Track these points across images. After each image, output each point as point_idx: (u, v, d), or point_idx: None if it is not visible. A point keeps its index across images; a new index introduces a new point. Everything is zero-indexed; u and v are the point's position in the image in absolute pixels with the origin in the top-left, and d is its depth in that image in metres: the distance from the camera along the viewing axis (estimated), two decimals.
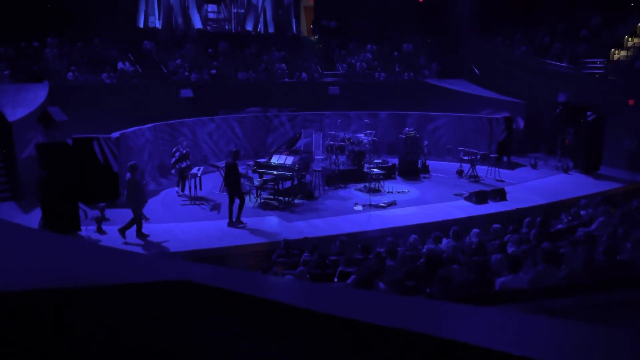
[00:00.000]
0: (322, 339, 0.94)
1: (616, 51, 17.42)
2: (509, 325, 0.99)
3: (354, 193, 12.92)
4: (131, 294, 1.01)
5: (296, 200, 12.03)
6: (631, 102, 15.24)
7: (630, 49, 17.29)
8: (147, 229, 9.56)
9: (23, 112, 12.00)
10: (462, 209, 11.27)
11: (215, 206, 11.70)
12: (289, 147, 13.58)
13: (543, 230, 7.57)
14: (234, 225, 10.11)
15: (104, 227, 9.67)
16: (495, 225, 8.20)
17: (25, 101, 13.09)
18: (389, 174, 14.15)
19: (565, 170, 15.06)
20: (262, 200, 12.02)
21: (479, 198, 11.69)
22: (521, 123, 17.38)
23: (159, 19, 21.67)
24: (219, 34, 22.14)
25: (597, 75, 16.93)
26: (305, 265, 6.97)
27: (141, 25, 21.27)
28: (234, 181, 10.28)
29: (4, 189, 11.59)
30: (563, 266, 5.53)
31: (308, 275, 6.44)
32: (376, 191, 12.75)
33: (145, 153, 12.95)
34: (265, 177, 12.41)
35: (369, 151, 14.28)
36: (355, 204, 11.71)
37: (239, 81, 18.58)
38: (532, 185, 13.65)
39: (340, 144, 14.25)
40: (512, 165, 15.97)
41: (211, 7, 23.24)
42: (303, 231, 9.67)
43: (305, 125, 16.47)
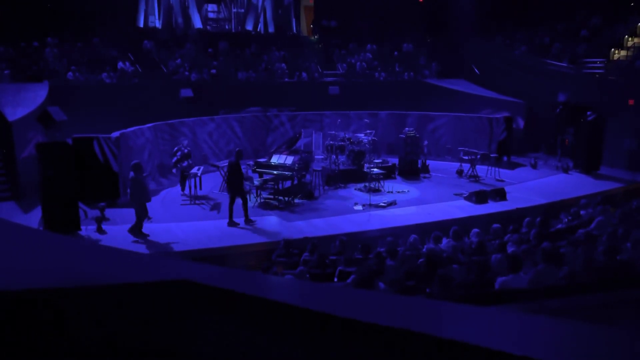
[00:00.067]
0: (322, 339, 0.94)
1: (616, 51, 17.42)
2: (509, 325, 0.99)
3: (354, 193, 12.92)
4: (131, 294, 1.01)
5: (296, 200, 12.03)
6: (631, 102, 15.24)
7: (630, 48, 17.30)
8: (147, 228, 9.56)
9: (23, 112, 12.01)
10: (462, 209, 11.27)
11: (215, 206, 11.70)
12: (289, 147, 13.58)
13: (543, 230, 7.57)
14: (234, 225, 10.11)
15: (103, 227, 9.67)
16: (495, 225, 8.21)
17: (25, 101, 13.10)
18: (389, 173, 14.16)
19: (565, 170, 15.06)
20: (262, 200, 12.02)
21: (479, 198, 11.69)
22: (521, 123, 17.39)
23: (159, 19, 21.70)
24: (219, 33, 22.16)
25: (597, 75, 16.93)
26: (305, 265, 6.97)
27: (141, 24, 21.30)
28: (237, 181, 10.28)
29: (4, 189, 11.60)
30: (563, 266, 5.53)
31: (308, 275, 6.44)
32: (376, 191, 12.76)
33: (145, 153, 12.96)
34: (265, 177, 12.42)
35: (369, 151, 14.28)
36: (355, 204, 11.71)
37: (239, 81, 18.59)
38: (532, 185, 13.65)
39: (340, 143, 14.24)
40: (512, 165, 15.98)
41: (211, 7, 23.26)
42: (303, 231, 9.67)
43: (305, 125, 16.47)
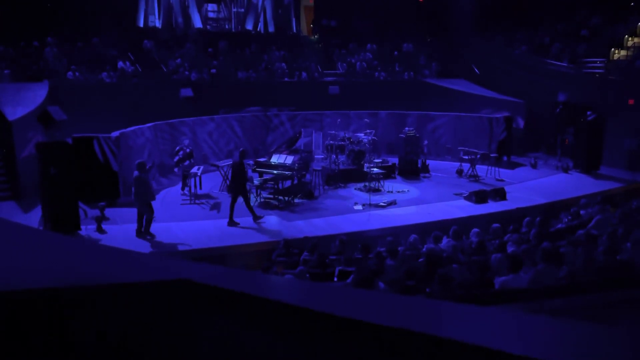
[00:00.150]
0: (322, 339, 0.94)
1: (616, 51, 17.41)
2: (508, 325, 0.99)
3: (353, 192, 12.91)
4: (131, 294, 1.01)
5: (296, 200, 12.03)
6: (631, 102, 15.23)
7: (630, 48, 17.29)
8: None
9: (23, 112, 12.01)
10: (462, 209, 11.27)
11: (215, 205, 11.70)
12: (289, 147, 13.58)
13: (543, 230, 7.57)
14: (234, 224, 10.11)
15: (103, 227, 9.67)
16: (495, 224, 8.21)
17: (25, 100, 13.10)
18: (388, 173, 14.15)
19: (565, 170, 15.06)
20: (262, 200, 12.02)
21: (479, 197, 11.69)
22: (521, 123, 17.38)
23: (159, 18, 21.69)
24: (219, 33, 22.15)
25: (597, 75, 16.93)
26: (305, 264, 6.97)
27: (141, 24, 21.29)
28: (240, 180, 10.31)
29: (4, 188, 11.59)
30: (563, 266, 5.53)
31: (308, 275, 6.44)
32: (376, 191, 12.75)
33: (145, 152, 12.95)
34: (265, 177, 12.42)
35: (369, 151, 14.27)
36: (355, 204, 11.71)
37: (239, 80, 18.58)
38: (532, 185, 13.65)
39: (340, 143, 14.24)
40: (512, 165, 15.98)
41: (211, 7, 23.25)
42: (303, 230, 9.67)
43: (305, 124, 16.47)
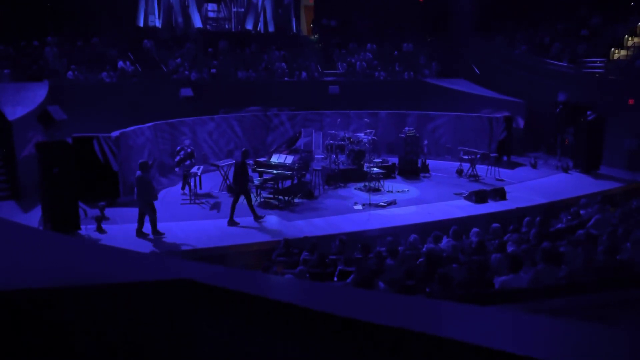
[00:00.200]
0: (322, 338, 0.94)
1: (616, 50, 17.41)
2: (508, 325, 0.99)
3: (353, 192, 12.91)
4: (131, 293, 1.01)
5: (296, 200, 12.03)
6: (631, 102, 15.23)
7: (630, 48, 17.29)
8: (147, 228, 9.54)
9: (23, 111, 12.01)
10: (462, 209, 11.27)
11: (215, 205, 11.70)
12: (288, 146, 13.58)
13: (543, 229, 7.57)
14: (234, 224, 10.12)
15: (103, 226, 9.67)
16: (495, 224, 8.21)
17: (25, 100, 13.10)
18: (388, 173, 14.15)
19: (565, 170, 15.06)
20: (262, 200, 12.02)
21: (479, 197, 11.69)
22: (521, 122, 17.38)
23: (159, 18, 21.69)
24: (219, 33, 22.15)
25: (597, 75, 16.92)
26: (305, 264, 6.98)
27: (141, 24, 21.29)
28: (243, 180, 10.33)
29: (4, 188, 11.59)
30: (563, 266, 5.53)
31: (308, 275, 6.44)
32: (376, 190, 12.75)
33: (145, 152, 12.95)
34: (265, 176, 12.42)
35: (369, 150, 14.27)
36: (355, 203, 11.71)
37: (239, 80, 18.58)
38: (532, 185, 13.65)
39: (340, 143, 14.24)
40: (512, 165, 15.97)
41: (211, 6, 23.24)
42: (303, 230, 9.67)
43: (305, 124, 16.47)
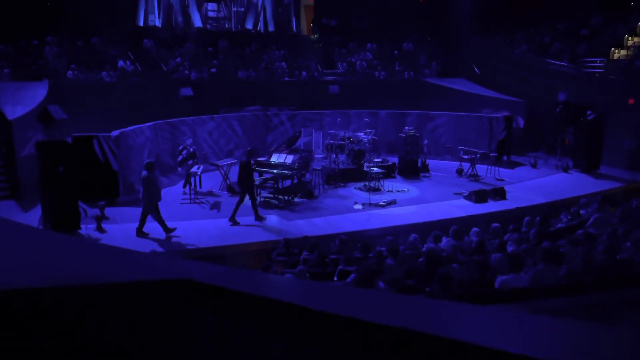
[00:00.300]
0: (322, 338, 0.94)
1: (616, 50, 17.41)
2: (508, 324, 0.99)
3: (353, 192, 12.91)
4: (132, 293, 1.01)
5: (296, 199, 12.03)
6: (631, 102, 15.23)
7: (630, 48, 17.29)
8: (148, 227, 9.55)
9: (23, 111, 12.01)
10: (462, 208, 11.27)
11: (216, 205, 11.70)
12: (288, 146, 13.57)
13: (543, 229, 7.57)
14: (235, 223, 10.16)
15: (103, 226, 9.67)
16: (495, 224, 8.21)
17: (25, 99, 13.10)
18: (388, 172, 14.15)
19: (565, 170, 15.06)
20: (262, 199, 12.02)
21: (479, 197, 11.69)
22: (521, 122, 17.38)
23: (159, 18, 21.68)
24: (218, 32, 22.14)
25: (597, 75, 16.92)
26: (304, 264, 6.98)
27: (141, 23, 21.28)
28: (248, 179, 10.35)
29: (4, 187, 11.59)
30: (563, 265, 5.53)
31: (308, 274, 6.45)
32: (376, 190, 12.75)
33: (145, 152, 12.94)
34: (265, 176, 12.42)
35: (369, 150, 14.26)
36: (355, 203, 11.71)
37: (239, 80, 18.57)
38: (532, 185, 13.65)
39: (340, 142, 14.24)
40: (512, 165, 15.98)
41: (211, 6, 23.24)
42: (303, 230, 9.67)
43: (305, 124, 16.46)
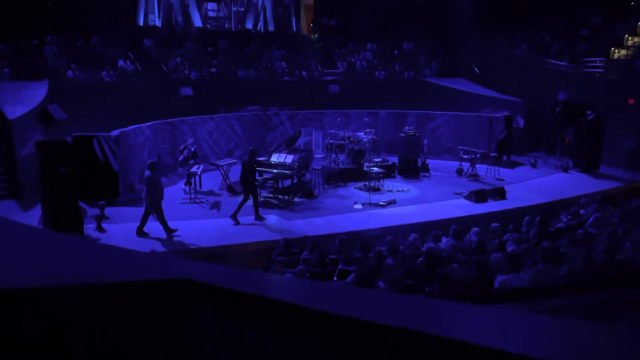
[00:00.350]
0: (322, 338, 0.94)
1: (616, 50, 17.41)
2: (508, 324, 0.99)
3: (353, 192, 12.92)
4: (131, 293, 1.01)
5: (296, 199, 12.03)
6: (631, 102, 15.23)
7: (630, 48, 17.29)
8: (148, 227, 9.55)
9: (23, 110, 12.01)
10: (462, 208, 11.28)
11: (215, 204, 11.70)
12: (288, 146, 13.58)
13: (543, 229, 7.57)
14: (236, 221, 10.18)
15: (103, 226, 9.67)
16: (494, 224, 8.21)
17: (25, 99, 13.09)
18: (388, 172, 14.15)
19: (565, 169, 15.06)
20: (262, 199, 12.01)
21: (479, 197, 11.70)
22: (521, 122, 17.38)
23: (159, 17, 21.69)
24: (218, 32, 22.14)
25: (597, 75, 16.92)
26: (304, 263, 6.98)
27: (141, 23, 21.29)
28: (250, 179, 10.38)
29: (3, 187, 11.58)
30: (563, 265, 5.53)
31: (308, 274, 6.45)
32: (376, 190, 12.75)
33: (145, 151, 12.94)
34: (265, 176, 12.42)
35: (369, 150, 14.27)
36: (355, 203, 11.71)
37: (239, 79, 18.57)
38: (532, 184, 13.65)
39: (340, 142, 14.24)
40: (512, 164, 15.98)
41: (211, 6, 23.24)
42: (303, 230, 9.68)
43: (305, 123, 16.46)
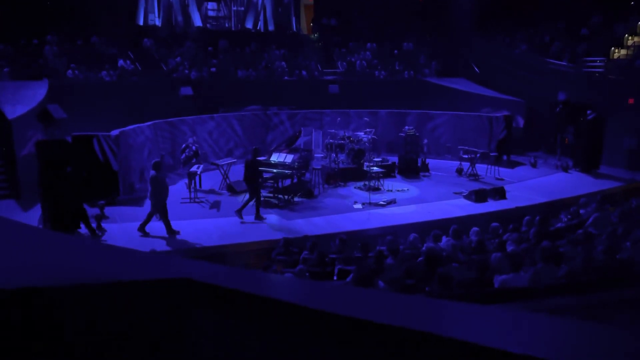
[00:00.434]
0: (322, 337, 0.94)
1: (616, 50, 17.40)
2: (508, 324, 0.99)
3: (353, 191, 12.91)
4: (131, 292, 1.01)
5: (296, 199, 12.03)
6: (631, 101, 15.23)
7: (630, 47, 17.28)
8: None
9: (22, 110, 12.00)
10: (462, 208, 11.28)
11: (215, 204, 11.70)
12: (288, 145, 13.57)
13: (542, 229, 7.58)
14: (240, 217, 10.28)
15: (103, 225, 9.66)
16: (494, 223, 8.21)
17: (25, 99, 13.08)
18: (388, 172, 14.15)
19: (565, 169, 15.06)
20: (262, 199, 12.01)
21: (479, 196, 11.70)
22: (521, 122, 17.38)
23: (159, 17, 21.68)
24: (218, 31, 22.13)
25: (597, 74, 16.92)
26: (304, 263, 6.98)
27: (141, 22, 21.28)
28: (254, 178, 10.41)
29: (3, 187, 11.58)
30: (562, 265, 5.53)
31: (307, 274, 6.44)
32: (376, 189, 12.74)
33: (145, 151, 12.94)
34: (265, 175, 12.41)
35: (369, 149, 14.27)
36: (355, 203, 11.71)
37: (239, 79, 18.57)
38: (532, 184, 13.65)
39: (340, 142, 14.24)
40: (512, 164, 15.98)
41: (211, 5, 23.24)
42: (303, 229, 9.68)
43: (305, 123, 16.46)
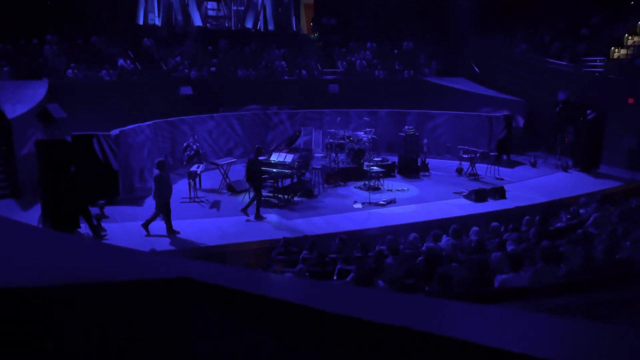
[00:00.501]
0: (322, 337, 0.94)
1: (616, 49, 17.41)
2: (508, 323, 0.99)
3: (353, 191, 12.92)
4: (131, 291, 1.01)
5: (295, 198, 12.03)
6: (631, 101, 15.23)
7: (630, 47, 17.29)
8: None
9: (22, 109, 12.00)
10: (462, 207, 11.28)
11: (215, 204, 11.70)
12: (288, 145, 13.58)
13: (542, 228, 7.58)
14: (245, 214, 10.50)
15: (103, 225, 9.66)
16: (494, 223, 8.21)
17: (25, 98, 13.08)
18: (388, 172, 14.15)
19: (565, 169, 15.07)
20: (262, 198, 12.01)
21: (479, 196, 11.70)
22: (521, 121, 17.38)
23: (159, 16, 21.68)
24: (218, 31, 22.13)
25: (597, 74, 16.92)
26: (304, 263, 6.97)
27: (141, 22, 21.28)
28: (256, 177, 10.48)
29: (3, 186, 11.58)
30: (562, 264, 5.53)
31: (307, 273, 6.44)
32: (376, 189, 12.75)
33: (145, 150, 12.95)
34: (265, 175, 12.41)
35: (369, 149, 14.27)
36: (355, 202, 11.71)
37: (239, 78, 18.57)
38: (532, 184, 13.66)
39: (339, 141, 14.25)
40: (512, 164, 15.98)
41: (211, 5, 23.25)
42: (302, 229, 9.68)
43: (305, 123, 16.47)
